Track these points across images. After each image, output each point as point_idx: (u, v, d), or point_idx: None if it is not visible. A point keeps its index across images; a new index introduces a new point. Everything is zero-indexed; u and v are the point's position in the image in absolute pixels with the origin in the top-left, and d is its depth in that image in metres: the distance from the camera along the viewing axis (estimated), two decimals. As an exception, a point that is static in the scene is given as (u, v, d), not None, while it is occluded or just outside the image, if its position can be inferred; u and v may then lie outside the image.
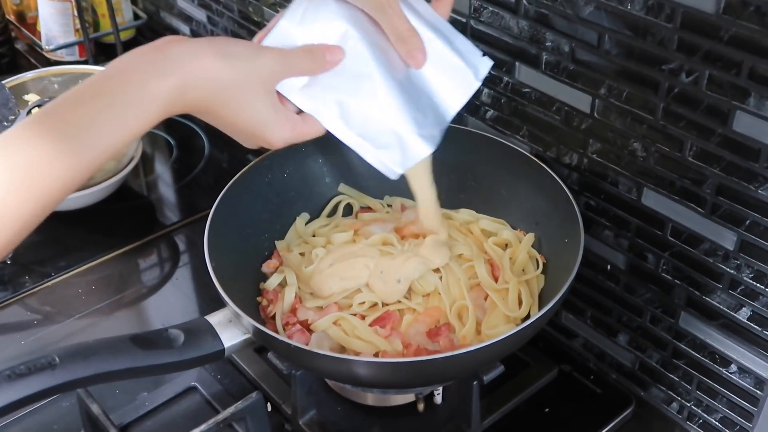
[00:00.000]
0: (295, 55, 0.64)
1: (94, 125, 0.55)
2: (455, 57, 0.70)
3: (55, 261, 1.07)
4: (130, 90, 0.56)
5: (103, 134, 0.55)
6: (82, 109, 0.55)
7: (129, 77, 0.57)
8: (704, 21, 0.65)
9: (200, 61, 0.58)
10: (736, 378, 0.77)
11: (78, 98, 0.56)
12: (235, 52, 0.61)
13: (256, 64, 0.61)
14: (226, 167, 1.25)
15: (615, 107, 0.76)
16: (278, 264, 0.87)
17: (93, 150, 0.55)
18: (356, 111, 0.66)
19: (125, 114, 0.56)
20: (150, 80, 0.57)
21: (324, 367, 0.73)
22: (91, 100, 0.56)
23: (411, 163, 0.68)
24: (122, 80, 0.57)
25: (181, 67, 0.58)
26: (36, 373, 0.64)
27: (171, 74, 0.57)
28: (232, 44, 0.61)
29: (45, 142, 0.53)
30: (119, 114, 0.56)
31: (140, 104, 0.56)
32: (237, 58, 0.60)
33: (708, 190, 0.72)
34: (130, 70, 0.57)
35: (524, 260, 0.84)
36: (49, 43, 1.42)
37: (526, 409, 0.85)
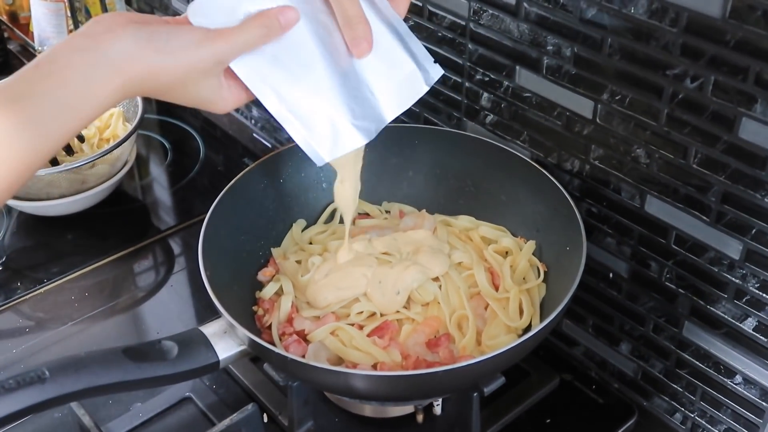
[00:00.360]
0: (247, 30, 0.61)
1: (27, 127, 0.54)
2: (406, 57, 0.67)
3: (48, 267, 1.06)
4: (71, 92, 0.55)
5: (38, 138, 0.54)
6: (11, 111, 0.53)
7: (68, 77, 0.55)
8: (710, 25, 0.64)
9: (141, 64, 0.57)
10: (741, 389, 0.75)
11: (17, 93, 0.54)
12: (177, 47, 0.59)
13: (200, 57, 0.59)
14: (221, 170, 1.24)
15: (617, 113, 0.74)
16: (274, 272, 0.86)
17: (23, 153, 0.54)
18: (291, 88, 0.64)
19: (65, 116, 0.55)
20: (92, 83, 0.56)
21: (321, 380, 0.71)
22: (20, 101, 0.54)
23: (340, 152, 0.65)
24: (61, 80, 0.55)
25: (121, 70, 0.57)
26: (25, 387, 0.62)
27: (112, 78, 0.56)
28: (174, 37, 0.59)
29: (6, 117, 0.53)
30: (57, 116, 0.55)
31: (83, 107, 0.56)
32: (179, 54, 0.59)
33: (713, 198, 0.70)
34: (67, 67, 0.56)
35: (525, 268, 0.83)
36: (41, 43, 1.41)
37: (527, 420, 0.83)
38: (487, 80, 0.87)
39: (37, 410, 0.63)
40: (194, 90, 0.61)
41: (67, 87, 0.55)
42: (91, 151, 1.13)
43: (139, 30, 0.58)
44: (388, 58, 0.66)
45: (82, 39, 0.57)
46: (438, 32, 0.90)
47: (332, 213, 0.92)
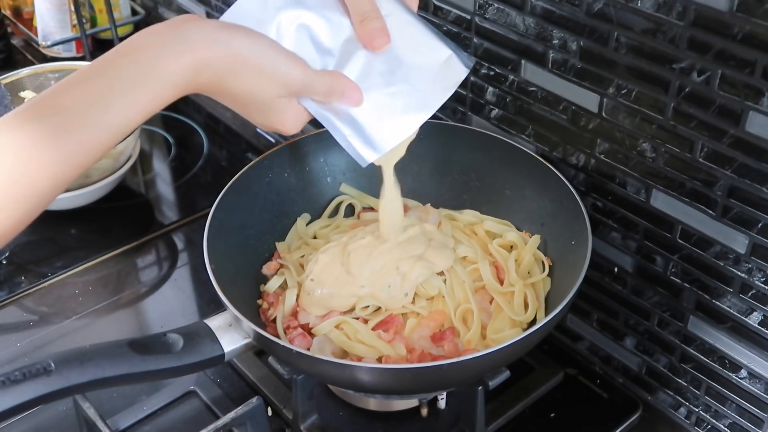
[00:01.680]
0: (317, 77, 0.63)
1: (96, 105, 0.53)
2: (440, 44, 0.67)
3: (52, 261, 1.06)
4: (141, 68, 0.55)
5: (107, 114, 0.53)
6: (82, 90, 0.53)
7: (140, 55, 0.55)
8: (717, 19, 0.64)
9: (218, 44, 0.57)
10: (746, 383, 0.75)
11: (80, 79, 0.54)
12: (263, 41, 0.59)
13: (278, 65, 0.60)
14: (225, 165, 1.24)
15: (624, 107, 0.74)
16: (279, 266, 0.86)
17: (92, 131, 0.53)
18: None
19: (134, 92, 0.54)
20: (162, 58, 0.55)
21: (326, 373, 0.71)
22: (93, 80, 0.54)
23: (384, 150, 0.66)
24: (133, 58, 0.55)
25: (194, 47, 0.56)
26: (31, 379, 0.62)
27: (182, 54, 0.56)
28: (260, 36, 0.60)
29: (33, 128, 0.52)
30: (126, 92, 0.54)
31: (151, 83, 0.55)
32: (263, 47, 0.59)
33: (719, 192, 0.70)
34: (141, 48, 0.55)
35: (530, 262, 0.83)
36: (45, 38, 1.41)
37: (532, 414, 0.83)
38: (492, 74, 0.87)
39: (43, 402, 0.63)
40: (262, 92, 0.61)
41: (137, 63, 0.55)
42: (95, 145, 1.13)
43: (219, 22, 0.58)
44: (423, 48, 0.67)
45: (162, 26, 0.57)
46: (443, 26, 0.89)
47: (336, 207, 0.92)
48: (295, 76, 0.61)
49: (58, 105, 0.53)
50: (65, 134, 0.52)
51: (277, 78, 0.60)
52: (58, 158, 0.52)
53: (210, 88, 0.59)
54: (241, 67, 0.58)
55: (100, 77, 0.54)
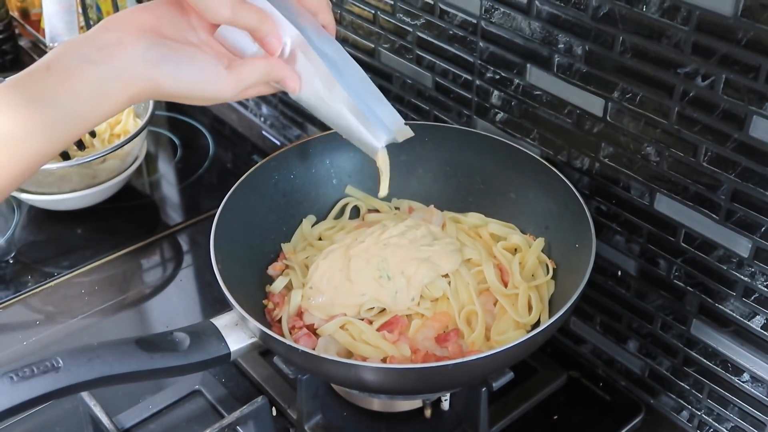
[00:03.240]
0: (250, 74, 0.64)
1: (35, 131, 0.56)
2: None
3: (58, 260, 1.07)
4: (81, 101, 0.57)
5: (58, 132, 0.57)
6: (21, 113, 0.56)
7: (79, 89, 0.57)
8: (721, 24, 0.64)
9: (148, 81, 0.59)
10: (749, 387, 0.76)
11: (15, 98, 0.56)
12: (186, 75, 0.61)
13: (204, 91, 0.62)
14: (230, 167, 1.25)
15: (628, 111, 0.75)
16: (284, 266, 0.86)
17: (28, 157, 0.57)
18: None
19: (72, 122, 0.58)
20: (99, 96, 0.58)
21: (331, 372, 0.72)
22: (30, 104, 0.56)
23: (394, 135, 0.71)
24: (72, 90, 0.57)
25: (129, 85, 0.59)
26: (39, 375, 0.63)
27: (120, 92, 0.59)
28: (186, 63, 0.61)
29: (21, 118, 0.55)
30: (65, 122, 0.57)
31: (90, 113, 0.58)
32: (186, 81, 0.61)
33: (722, 196, 0.70)
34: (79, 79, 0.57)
35: (534, 265, 0.83)
36: (53, 40, 1.41)
37: (535, 416, 0.84)
38: (497, 78, 0.87)
39: (51, 398, 0.63)
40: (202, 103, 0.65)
41: (78, 97, 0.57)
42: (102, 146, 1.14)
43: (150, 48, 0.59)
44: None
45: (93, 49, 0.58)
46: (449, 30, 0.90)
47: (342, 209, 0.93)
48: (228, 93, 0.63)
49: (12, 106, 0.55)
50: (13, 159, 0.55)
51: (208, 99, 0.64)
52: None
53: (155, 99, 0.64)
54: (171, 96, 0.62)
55: (42, 106, 0.56)
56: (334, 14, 1.05)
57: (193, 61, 0.61)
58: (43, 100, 0.56)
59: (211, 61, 0.63)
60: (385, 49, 1.01)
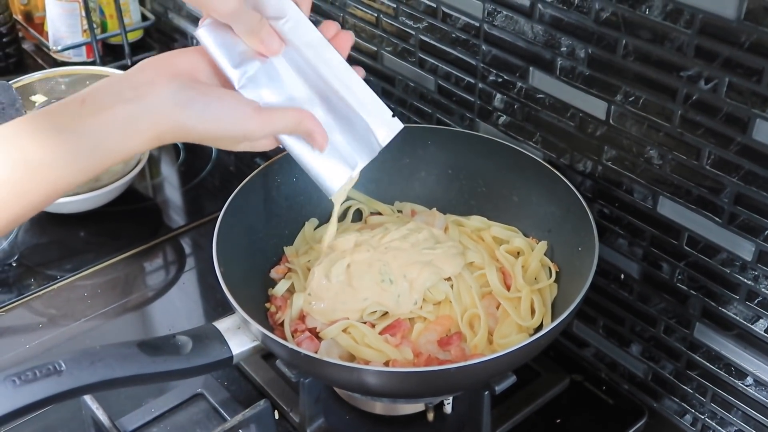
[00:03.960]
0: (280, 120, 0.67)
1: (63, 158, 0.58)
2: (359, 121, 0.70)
3: (61, 263, 1.06)
4: (110, 136, 0.60)
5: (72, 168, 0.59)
6: (52, 139, 0.58)
7: (109, 124, 0.60)
8: (724, 27, 0.64)
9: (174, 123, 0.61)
10: (752, 391, 0.76)
11: (49, 125, 0.58)
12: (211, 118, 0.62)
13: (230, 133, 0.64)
14: (233, 170, 1.25)
15: (631, 114, 0.75)
16: (287, 269, 0.86)
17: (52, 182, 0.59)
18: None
19: (98, 154, 0.60)
20: (128, 133, 0.60)
21: (333, 376, 0.72)
22: (62, 133, 0.58)
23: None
24: (103, 125, 0.59)
25: (157, 124, 0.61)
26: (42, 379, 0.63)
27: (148, 129, 0.61)
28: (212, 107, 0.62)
29: (51, 144, 0.57)
30: (92, 152, 0.59)
31: (118, 147, 0.60)
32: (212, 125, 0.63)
33: (726, 199, 0.70)
34: (110, 115, 0.60)
35: (537, 268, 0.83)
36: (56, 43, 1.42)
37: (537, 420, 0.84)
38: (500, 81, 0.87)
39: (54, 402, 0.63)
40: (226, 146, 0.67)
41: (107, 131, 0.59)
42: (105, 149, 1.13)
43: (180, 91, 0.62)
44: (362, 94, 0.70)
45: (127, 88, 0.61)
46: (452, 33, 0.90)
47: (344, 212, 0.93)
48: (256, 132, 0.65)
49: (26, 149, 0.57)
50: (32, 184, 0.57)
51: (237, 139, 0.66)
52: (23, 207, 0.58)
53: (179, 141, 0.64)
54: (198, 138, 0.63)
55: (70, 135, 0.58)
56: (338, 17, 1.05)
57: (222, 103, 0.63)
58: (74, 130, 0.58)
59: (240, 101, 0.65)
60: (387, 52, 1.01)
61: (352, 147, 0.70)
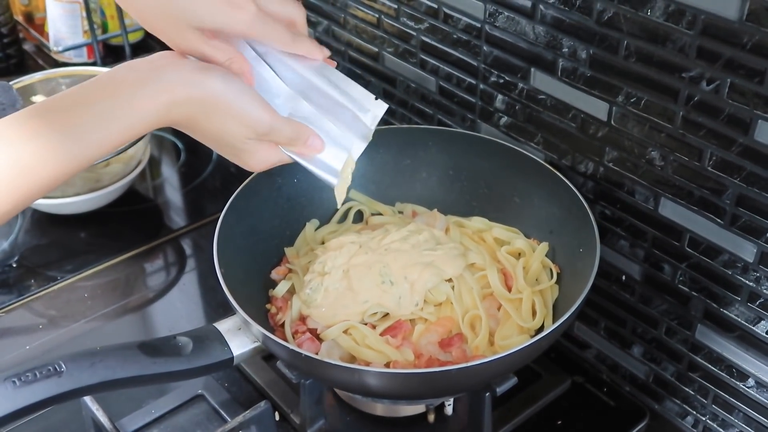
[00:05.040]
0: (284, 124, 0.67)
1: (71, 135, 0.57)
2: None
3: (61, 264, 1.06)
4: (118, 103, 0.58)
5: (81, 144, 0.57)
6: (62, 117, 0.57)
7: (119, 91, 0.58)
8: (726, 28, 0.64)
9: (192, 87, 0.60)
10: (754, 392, 0.75)
11: (62, 104, 0.57)
12: (237, 88, 0.62)
13: (252, 108, 0.64)
14: (234, 172, 1.24)
15: (633, 115, 0.75)
16: (287, 270, 0.86)
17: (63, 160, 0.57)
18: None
19: (110, 126, 0.58)
20: (139, 96, 0.59)
21: (334, 377, 0.72)
22: (72, 109, 0.57)
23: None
24: (112, 92, 0.58)
25: (169, 88, 0.60)
26: (42, 380, 0.63)
27: (159, 94, 0.59)
28: (237, 81, 0.63)
29: (42, 142, 0.56)
30: (102, 125, 0.58)
31: (126, 118, 0.58)
32: (236, 93, 0.62)
33: (727, 201, 0.70)
34: (121, 83, 0.59)
35: (538, 270, 0.83)
36: (57, 44, 1.42)
37: (538, 421, 0.83)
38: (501, 82, 0.87)
39: (54, 403, 0.63)
40: (232, 134, 0.64)
41: (114, 98, 0.58)
42: (106, 150, 1.13)
43: (197, 63, 0.62)
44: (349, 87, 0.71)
45: (144, 63, 0.61)
46: (453, 34, 0.90)
47: (345, 213, 0.92)
48: (264, 121, 0.64)
49: (37, 127, 0.56)
50: (39, 162, 0.56)
51: (246, 122, 0.64)
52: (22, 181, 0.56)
53: (182, 124, 0.63)
54: (213, 108, 0.62)
55: (79, 107, 0.57)
56: (339, 18, 1.05)
57: (238, 81, 0.63)
58: (80, 105, 0.57)
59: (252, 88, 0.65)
60: (389, 53, 1.01)
61: (344, 133, 0.71)
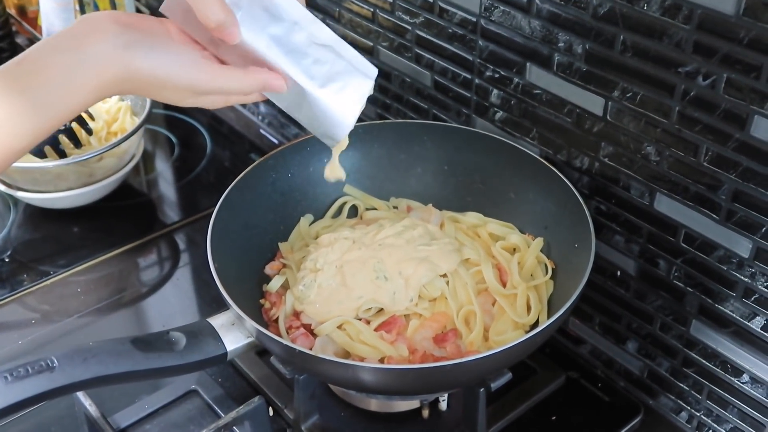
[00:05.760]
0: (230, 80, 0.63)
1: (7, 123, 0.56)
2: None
3: (54, 259, 1.06)
4: (51, 91, 0.57)
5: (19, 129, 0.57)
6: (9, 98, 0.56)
7: (48, 77, 0.57)
8: (723, 23, 0.64)
9: (117, 68, 0.59)
10: (748, 388, 0.75)
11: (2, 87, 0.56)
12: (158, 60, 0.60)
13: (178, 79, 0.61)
14: (228, 166, 1.24)
15: (628, 110, 0.74)
16: (281, 265, 0.86)
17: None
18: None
19: (46, 113, 0.57)
20: (70, 84, 0.57)
21: (328, 373, 0.71)
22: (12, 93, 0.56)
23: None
24: (43, 79, 0.57)
25: (97, 72, 0.58)
26: (34, 375, 0.63)
27: (89, 79, 0.58)
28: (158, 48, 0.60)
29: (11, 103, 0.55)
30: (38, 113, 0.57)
31: (62, 104, 0.58)
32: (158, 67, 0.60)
33: (723, 196, 0.70)
34: (48, 67, 0.57)
35: (533, 265, 0.83)
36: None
37: (533, 417, 0.83)
38: (497, 77, 0.87)
39: (46, 398, 0.63)
40: (181, 99, 0.63)
41: (47, 86, 0.57)
42: (99, 144, 1.13)
43: (123, 33, 0.59)
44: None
45: (65, 39, 0.59)
46: (448, 28, 0.90)
47: (340, 208, 0.92)
48: (202, 83, 0.62)
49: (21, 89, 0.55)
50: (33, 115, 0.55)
51: (182, 88, 0.62)
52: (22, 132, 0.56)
53: (128, 93, 0.62)
54: (144, 83, 0.60)
55: (12, 98, 0.56)
56: (333, 12, 1.05)
57: (168, 47, 0.61)
58: (11, 94, 0.56)
59: (187, 47, 0.62)
60: (384, 47, 1.01)
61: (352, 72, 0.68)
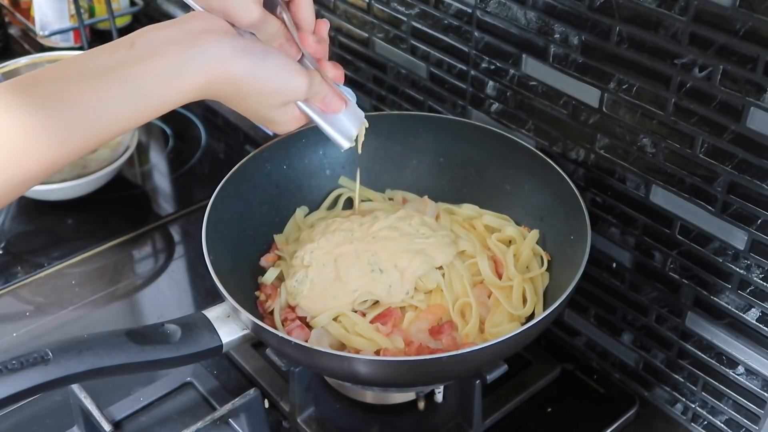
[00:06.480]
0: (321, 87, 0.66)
1: (109, 107, 0.54)
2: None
3: (49, 251, 1.06)
4: (158, 80, 0.55)
5: (118, 116, 0.54)
6: (94, 88, 0.53)
7: (159, 65, 0.55)
8: (719, 14, 0.64)
9: (232, 70, 0.58)
10: (743, 380, 0.76)
11: (88, 73, 0.54)
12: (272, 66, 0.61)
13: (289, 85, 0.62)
14: (222, 158, 1.24)
15: (624, 102, 0.74)
16: (276, 257, 0.86)
17: (99, 130, 0.54)
18: None
19: (149, 101, 0.55)
20: (180, 74, 0.56)
21: (324, 365, 0.71)
22: (107, 81, 0.54)
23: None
24: (152, 66, 0.55)
25: (210, 70, 0.57)
26: (28, 368, 0.62)
27: (199, 75, 0.57)
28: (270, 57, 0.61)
29: (35, 116, 0.51)
30: (141, 100, 0.55)
31: (166, 95, 0.56)
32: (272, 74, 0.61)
33: (719, 188, 0.70)
34: (160, 55, 0.56)
35: (528, 257, 0.83)
36: (43, 28, 1.40)
37: (529, 409, 0.83)
38: (492, 68, 0.87)
39: (41, 391, 0.63)
40: (266, 107, 0.63)
41: (156, 75, 0.55)
42: (93, 136, 1.12)
43: (237, 39, 0.60)
44: None
45: (180, 32, 0.58)
46: (444, 20, 0.89)
47: (335, 199, 0.92)
48: (300, 91, 0.64)
49: (64, 96, 0.52)
50: (71, 129, 0.52)
51: (282, 95, 0.63)
52: (56, 150, 0.52)
53: (217, 98, 0.61)
54: (250, 89, 0.61)
55: (116, 81, 0.54)
56: (329, 3, 1.04)
57: (276, 56, 0.62)
58: (120, 76, 0.54)
59: (289, 59, 0.63)
60: (379, 38, 1.00)
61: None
